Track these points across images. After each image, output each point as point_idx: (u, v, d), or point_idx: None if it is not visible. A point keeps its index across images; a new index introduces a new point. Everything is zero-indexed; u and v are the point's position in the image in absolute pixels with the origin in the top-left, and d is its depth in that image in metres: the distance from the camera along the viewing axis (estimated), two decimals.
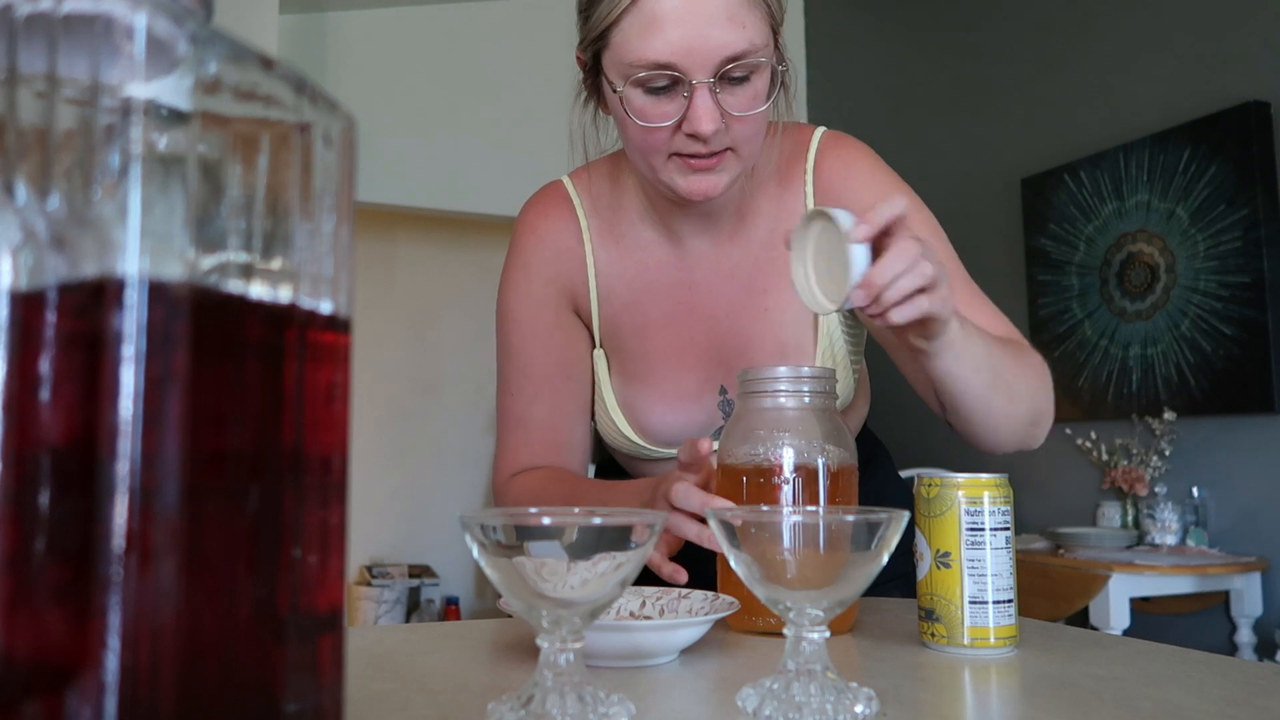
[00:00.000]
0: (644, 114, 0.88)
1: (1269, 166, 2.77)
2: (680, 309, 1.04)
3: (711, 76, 0.84)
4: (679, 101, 0.86)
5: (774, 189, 1.03)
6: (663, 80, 0.85)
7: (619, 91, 0.88)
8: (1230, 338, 2.82)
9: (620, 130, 0.94)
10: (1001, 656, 0.71)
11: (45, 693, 0.29)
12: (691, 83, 0.85)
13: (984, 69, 3.77)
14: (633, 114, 0.88)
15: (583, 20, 0.91)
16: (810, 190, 1.02)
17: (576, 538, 0.50)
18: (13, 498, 0.29)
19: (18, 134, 0.31)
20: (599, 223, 1.06)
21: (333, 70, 3.79)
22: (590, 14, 0.89)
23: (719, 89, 0.86)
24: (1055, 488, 3.35)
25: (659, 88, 0.86)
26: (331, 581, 0.37)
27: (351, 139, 0.39)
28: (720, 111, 0.86)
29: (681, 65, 0.84)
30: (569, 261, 1.06)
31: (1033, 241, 3.49)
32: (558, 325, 1.06)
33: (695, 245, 1.03)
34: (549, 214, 1.08)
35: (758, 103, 0.88)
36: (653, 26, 0.84)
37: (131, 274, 0.30)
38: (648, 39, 0.84)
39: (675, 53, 0.84)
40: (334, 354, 0.38)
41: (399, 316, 5.11)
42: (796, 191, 1.03)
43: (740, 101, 0.87)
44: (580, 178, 1.08)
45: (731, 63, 0.85)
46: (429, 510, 5.03)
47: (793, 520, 0.55)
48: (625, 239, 1.05)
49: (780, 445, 0.77)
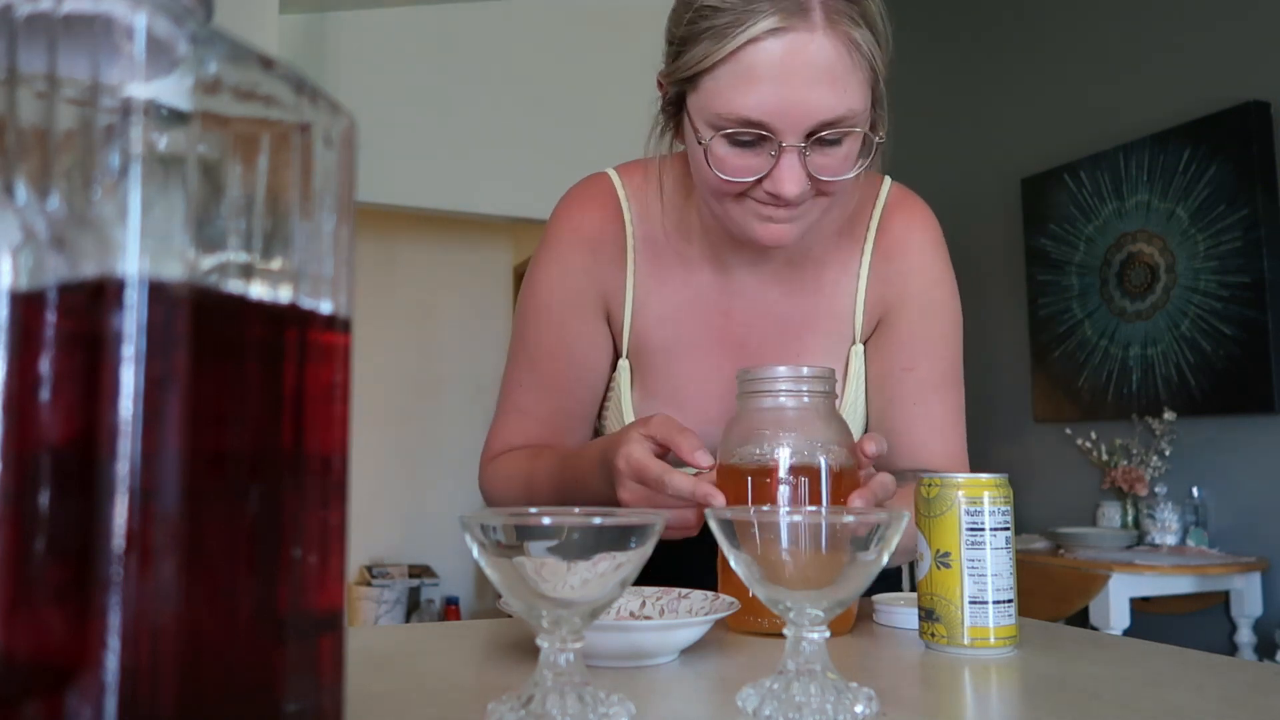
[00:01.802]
0: (726, 166, 0.84)
1: (1269, 166, 2.77)
2: (713, 335, 1.02)
3: (803, 140, 0.81)
4: (765, 158, 0.83)
5: (835, 236, 1.02)
6: (750, 136, 0.82)
7: (702, 141, 0.84)
8: (1230, 338, 2.82)
9: (695, 169, 0.90)
10: (1001, 656, 0.71)
11: (45, 693, 0.29)
12: (781, 144, 0.81)
13: (984, 69, 3.77)
14: (714, 165, 0.84)
15: (673, 55, 0.86)
16: (871, 246, 1.01)
17: (577, 538, 0.50)
18: (13, 498, 0.29)
19: (18, 134, 0.31)
20: (645, 229, 1.02)
21: (333, 70, 3.79)
22: (683, 52, 0.84)
23: (809, 151, 0.82)
24: (1055, 488, 3.35)
25: (746, 142, 0.83)
26: (331, 581, 0.37)
27: (351, 139, 0.39)
28: (806, 174, 0.83)
29: (773, 125, 0.81)
30: (608, 264, 1.02)
31: (1033, 241, 3.49)
32: (581, 328, 1.02)
33: (740, 276, 1.01)
34: (591, 210, 1.02)
35: (847, 166, 0.85)
36: (749, 81, 0.80)
37: (131, 274, 0.30)
38: (742, 93, 0.80)
39: (769, 112, 0.80)
40: (334, 354, 0.38)
41: (399, 316, 5.11)
42: (857, 242, 1.02)
43: (830, 164, 0.84)
44: (632, 177, 1.03)
45: (826, 128, 0.81)
46: (429, 510, 5.03)
47: (793, 520, 0.55)
48: (670, 251, 1.02)
49: (781, 445, 0.77)
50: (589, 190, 1.04)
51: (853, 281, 1.02)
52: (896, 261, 1.01)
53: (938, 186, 3.66)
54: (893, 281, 1.01)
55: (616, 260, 1.02)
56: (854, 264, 1.02)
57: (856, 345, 1.03)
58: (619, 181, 1.03)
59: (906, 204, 1.03)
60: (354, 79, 3.79)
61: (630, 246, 1.02)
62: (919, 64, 4.08)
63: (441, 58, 3.98)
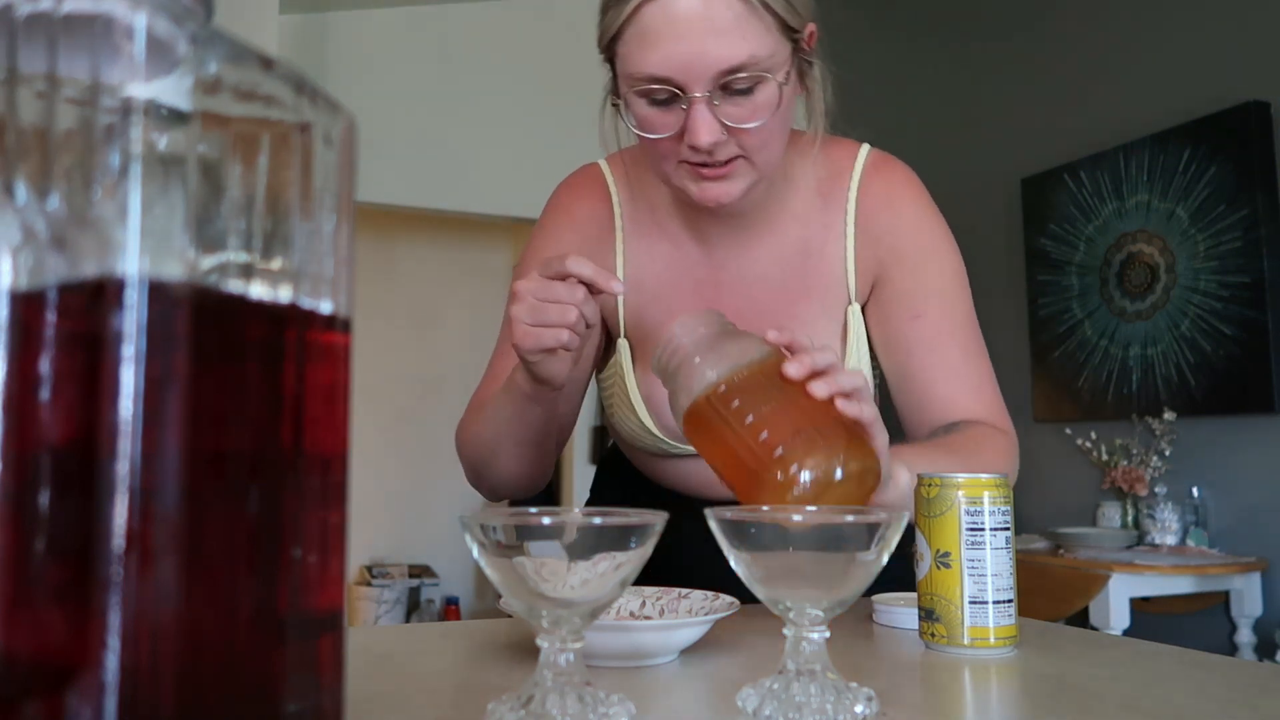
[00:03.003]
0: (646, 124, 0.88)
1: (1269, 166, 2.77)
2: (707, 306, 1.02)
3: (708, 90, 0.84)
4: (678, 113, 0.86)
5: (815, 200, 1.03)
6: (663, 93, 0.85)
7: (621, 101, 0.89)
8: (1230, 338, 2.82)
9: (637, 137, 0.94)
10: (1001, 656, 0.71)
11: (45, 693, 0.29)
12: (690, 95, 0.84)
13: (984, 69, 3.77)
14: (638, 125, 0.88)
15: (599, 23, 0.90)
16: (853, 209, 1.02)
17: (576, 538, 0.50)
18: (13, 498, 0.29)
19: (18, 134, 0.31)
20: (632, 210, 1.05)
21: (333, 70, 3.79)
22: (600, 22, 0.89)
23: (720, 101, 0.84)
24: (1055, 488, 3.35)
25: (660, 100, 0.86)
26: (331, 581, 0.37)
27: (351, 139, 0.39)
28: (720, 124, 0.85)
29: (678, 79, 0.84)
30: (597, 244, 1.05)
31: (1033, 241, 3.49)
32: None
33: (722, 246, 1.03)
34: (582, 195, 1.07)
35: (762, 114, 0.86)
36: (649, 40, 0.83)
37: (131, 274, 0.30)
38: (645, 52, 0.84)
39: (671, 67, 0.83)
40: (334, 354, 0.38)
41: (399, 316, 5.12)
42: (838, 208, 1.02)
43: (741, 112, 0.85)
44: (617, 163, 1.07)
45: (730, 75, 0.83)
46: (429, 510, 5.03)
47: (793, 520, 0.55)
48: (656, 230, 1.05)
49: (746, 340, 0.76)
50: (578, 178, 1.09)
51: (839, 243, 1.02)
52: (883, 219, 1.01)
53: (938, 186, 3.64)
54: (882, 239, 1.01)
55: (605, 240, 1.05)
56: (838, 226, 1.02)
57: (853, 305, 1.02)
58: (606, 169, 1.07)
59: (886, 165, 1.04)
60: (354, 79, 3.79)
61: (618, 227, 1.05)
62: (919, 64, 4.08)
63: (441, 58, 3.98)
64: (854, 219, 1.02)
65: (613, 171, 1.07)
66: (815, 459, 0.69)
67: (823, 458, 0.70)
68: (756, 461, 0.71)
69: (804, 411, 0.72)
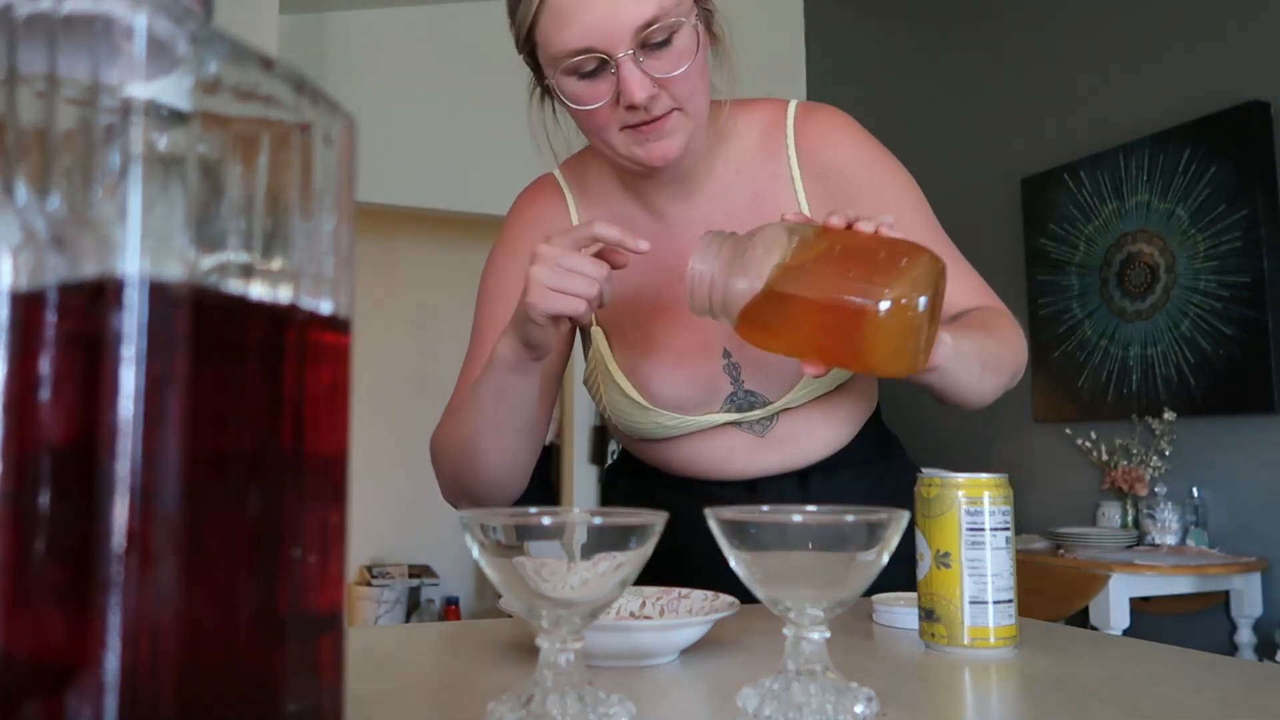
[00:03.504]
0: (580, 98, 0.92)
1: (1269, 166, 2.77)
2: (670, 275, 1.05)
3: (630, 48, 0.88)
4: (609, 80, 0.90)
5: (757, 155, 1.06)
6: (590, 64, 0.89)
7: (550, 83, 0.93)
8: (1230, 338, 2.82)
9: (574, 118, 0.97)
10: (1001, 656, 0.71)
11: (45, 693, 0.29)
12: (615, 58, 0.88)
13: (984, 69, 3.77)
14: (570, 100, 0.92)
15: (511, 26, 0.96)
16: (793, 154, 1.05)
17: (576, 538, 0.50)
18: (13, 498, 0.29)
19: (18, 134, 0.31)
20: (586, 206, 1.10)
21: (333, 70, 3.79)
22: (513, 19, 0.94)
23: (643, 57, 0.89)
24: (1055, 488, 3.35)
25: (588, 72, 0.90)
26: (331, 581, 0.37)
27: (351, 139, 0.39)
28: (649, 79, 0.89)
29: (600, 46, 0.88)
30: None
31: (1033, 241, 3.49)
32: None
33: (674, 213, 1.06)
34: (538, 200, 1.12)
35: (684, 60, 0.90)
36: (564, 17, 0.88)
37: (131, 274, 0.30)
38: (563, 30, 0.89)
39: (590, 36, 0.88)
40: (334, 354, 0.38)
41: (399, 316, 5.11)
42: (779, 156, 1.05)
43: (666, 64, 0.90)
44: (569, 167, 1.12)
45: (646, 29, 0.88)
46: (429, 510, 5.03)
47: (793, 520, 0.55)
48: (610, 215, 1.08)
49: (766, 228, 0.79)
50: (534, 186, 1.15)
51: (788, 188, 1.05)
52: (826, 155, 1.04)
53: (938, 186, 3.65)
54: (829, 175, 1.04)
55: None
56: (784, 173, 1.05)
57: None
58: (559, 174, 1.13)
59: (817, 108, 1.08)
60: (354, 79, 3.79)
61: (574, 218, 1.09)
62: (919, 64, 4.08)
63: (441, 58, 3.98)
64: (797, 163, 1.05)
65: (566, 176, 1.12)
66: (913, 273, 0.73)
67: (918, 271, 0.74)
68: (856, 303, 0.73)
69: (869, 248, 0.76)
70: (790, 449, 1.05)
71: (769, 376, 1.02)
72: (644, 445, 1.10)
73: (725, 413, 1.03)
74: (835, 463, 1.07)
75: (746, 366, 1.02)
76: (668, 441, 1.07)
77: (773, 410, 1.03)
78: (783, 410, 1.03)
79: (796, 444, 1.05)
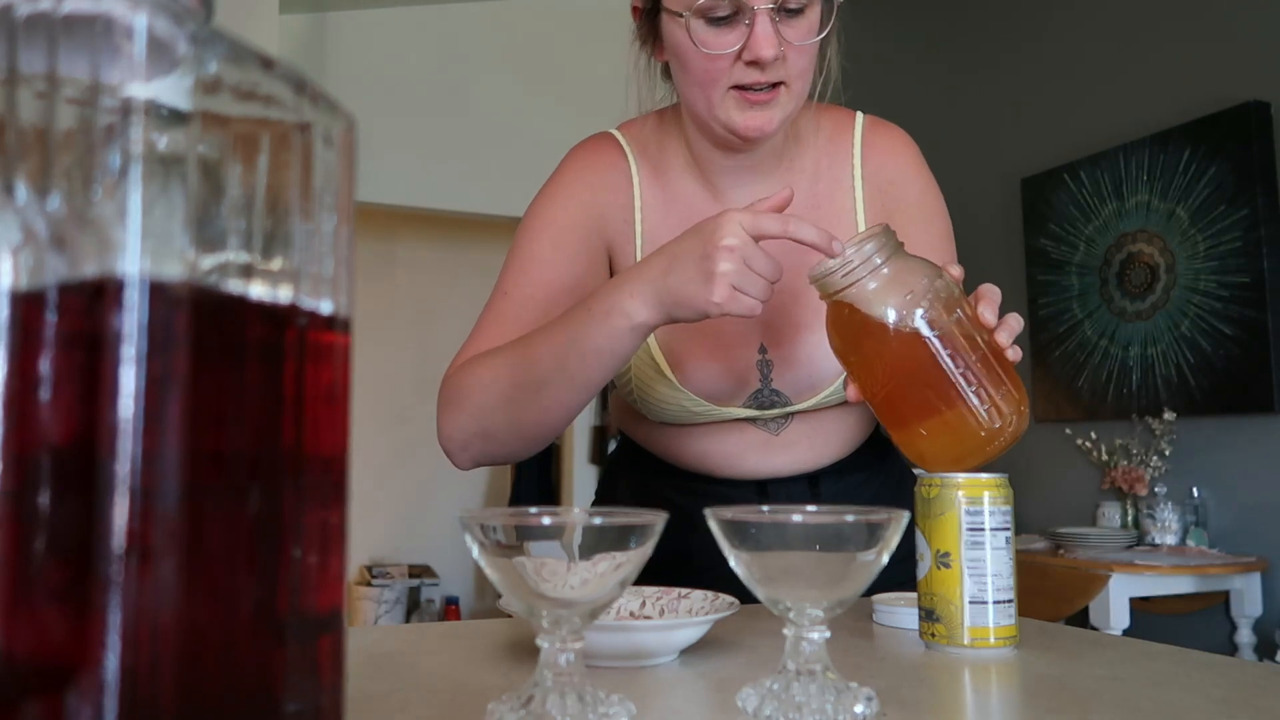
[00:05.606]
0: (707, 43, 0.91)
1: (1269, 166, 2.77)
2: None
3: (772, 4, 0.89)
4: (740, 30, 0.91)
5: (823, 155, 1.07)
6: (725, 9, 0.90)
7: (684, 18, 0.92)
8: (1230, 338, 2.82)
9: (679, 68, 0.97)
10: (1001, 656, 0.71)
11: (45, 693, 0.29)
12: (754, 9, 0.89)
13: (984, 69, 3.77)
14: (697, 42, 0.92)
15: None
16: (859, 161, 1.06)
17: (576, 538, 0.50)
18: (13, 498, 0.29)
19: (18, 134, 0.31)
20: (647, 168, 1.08)
21: (333, 70, 3.79)
22: None
23: (777, 19, 0.90)
24: (1055, 488, 3.35)
25: (721, 17, 0.91)
26: (331, 581, 0.37)
27: (351, 139, 0.39)
28: (779, 38, 0.90)
29: None
30: (614, 196, 1.06)
31: (1033, 241, 3.49)
32: (581, 251, 1.04)
33: (734, 197, 1.05)
34: (600, 153, 1.09)
35: (813, 34, 0.93)
36: None
37: (131, 274, 0.30)
38: None
39: None
40: (334, 354, 0.38)
41: (399, 316, 5.11)
42: (845, 161, 1.07)
43: (797, 32, 0.92)
44: (629, 128, 1.11)
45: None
46: (429, 510, 5.03)
47: (792, 520, 0.55)
48: (670, 187, 1.07)
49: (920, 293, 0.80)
50: (595, 140, 1.11)
51: (848, 196, 1.06)
52: (889, 168, 1.07)
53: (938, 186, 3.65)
54: (886, 188, 1.06)
55: (624, 193, 1.07)
56: (846, 179, 1.06)
57: None
58: (619, 133, 1.11)
59: (886, 124, 1.10)
60: (354, 79, 3.79)
61: (635, 180, 1.07)
62: (920, 64, 4.08)
63: (441, 58, 3.98)
64: (860, 171, 1.06)
65: (625, 135, 1.10)
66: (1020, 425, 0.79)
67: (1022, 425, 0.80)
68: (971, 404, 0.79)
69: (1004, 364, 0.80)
70: (801, 451, 1.05)
71: (798, 377, 1.02)
72: (656, 435, 1.09)
73: (746, 408, 1.03)
74: (845, 466, 1.08)
75: (778, 365, 1.02)
76: (682, 432, 1.06)
77: (789, 411, 1.03)
78: (799, 412, 1.03)
79: (808, 446, 1.05)
